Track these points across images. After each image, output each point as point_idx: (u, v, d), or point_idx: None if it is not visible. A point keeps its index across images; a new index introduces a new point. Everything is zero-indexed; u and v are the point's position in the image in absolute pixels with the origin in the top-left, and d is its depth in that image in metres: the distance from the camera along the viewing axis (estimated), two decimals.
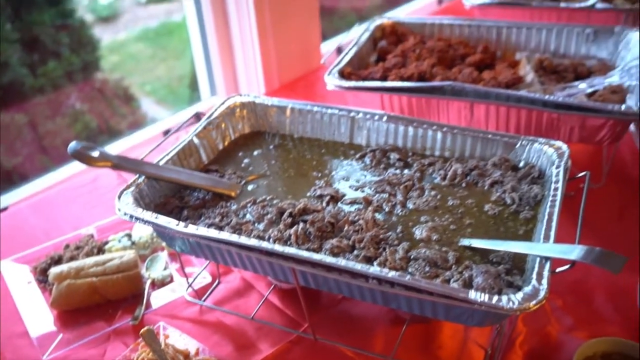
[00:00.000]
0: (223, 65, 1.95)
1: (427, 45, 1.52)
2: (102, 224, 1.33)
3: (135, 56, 3.79)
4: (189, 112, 1.93)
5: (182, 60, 3.66)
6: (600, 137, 1.24)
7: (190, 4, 1.88)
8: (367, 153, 1.19)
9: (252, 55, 1.89)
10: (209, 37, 1.90)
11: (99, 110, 3.20)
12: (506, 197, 1.05)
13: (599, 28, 1.48)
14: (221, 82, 1.97)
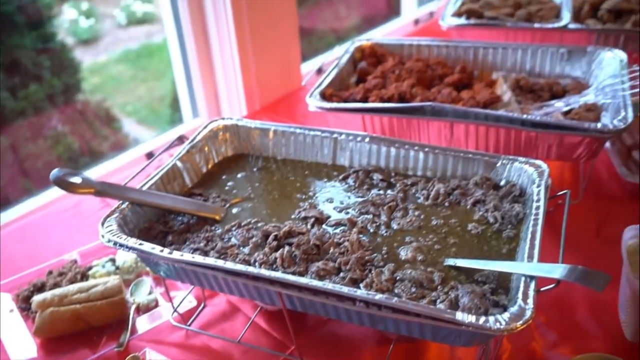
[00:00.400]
0: (204, 87, 1.93)
1: (406, 66, 1.52)
2: (86, 249, 1.30)
3: (117, 77, 3.77)
4: (172, 134, 1.91)
5: (162, 80, 3.64)
6: (577, 154, 1.25)
7: (170, 27, 1.87)
8: (350, 174, 1.18)
9: (234, 77, 1.88)
10: (190, 59, 1.89)
11: (80, 131, 3.17)
12: (489, 216, 1.04)
13: (573, 48, 1.49)
14: (203, 104, 1.95)
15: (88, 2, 3.78)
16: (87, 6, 3.78)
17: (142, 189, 1.07)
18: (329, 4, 3.59)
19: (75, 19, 3.68)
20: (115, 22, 3.97)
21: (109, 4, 4.02)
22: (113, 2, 3.98)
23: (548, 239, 0.98)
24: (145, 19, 3.98)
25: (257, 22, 1.81)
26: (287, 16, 1.91)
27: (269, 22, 1.86)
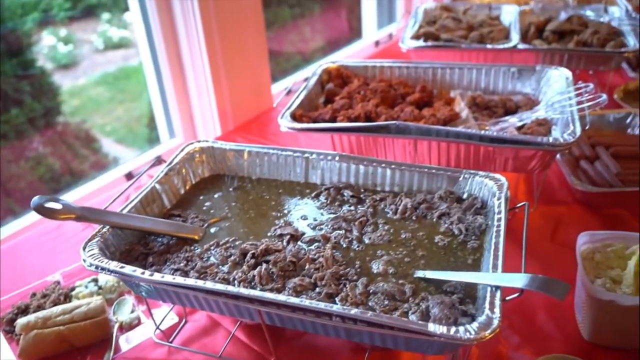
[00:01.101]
0: (180, 109, 1.89)
1: (371, 87, 1.51)
2: (69, 270, 1.25)
3: (95, 99, 3.69)
4: (149, 154, 1.86)
5: (140, 101, 3.57)
6: (532, 166, 1.24)
7: (145, 52, 1.82)
8: (322, 191, 1.15)
9: (207, 99, 1.84)
10: (165, 83, 1.84)
11: (61, 152, 3.09)
12: (454, 228, 1.03)
13: (522, 67, 1.50)
14: (179, 125, 1.91)
15: (66, 28, 3.70)
16: (65, 32, 3.70)
17: (122, 212, 1.03)
18: (295, 27, 3.57)
19: (54, 45, 3.60)
20: (93, 47, 3.89)
21: (87, 30, 3.94)
22: (90, 28, 3.90)
23: (509, 247, 0.97)
24: (121, 44, 3.92)
25: (229, 46, 1.78)
26: (257, 41, 1.89)
27: (240, 46, 1.83)
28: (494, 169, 1.28)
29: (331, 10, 3.55)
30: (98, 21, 3.75)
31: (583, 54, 1.61)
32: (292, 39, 3.65)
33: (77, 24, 3.76)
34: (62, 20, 3.52)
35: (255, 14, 1.84)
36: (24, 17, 3.09)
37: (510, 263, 0.90)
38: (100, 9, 3.60)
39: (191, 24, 1.71)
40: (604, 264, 1.10)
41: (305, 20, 3.59)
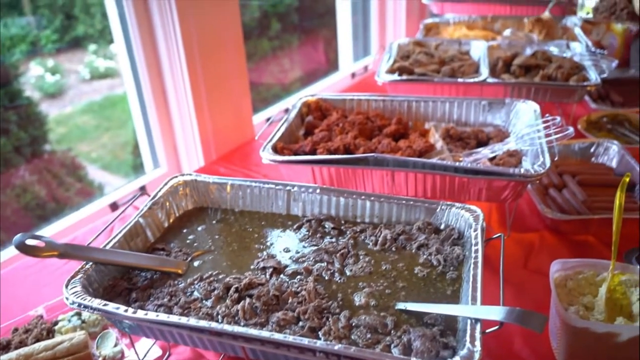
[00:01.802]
0: (164, 139, 1.85)
1: (349, 119, 1.49)
2: (52, 304, 1.19)
3: (81, 127, 3.63)
4: (134, 185, 1.81)
5: (125, 129, 3.52)
6: (504, 196, 1.23)
7: (130, 84, 1.79)
8: (303, 223, 1.12)
9: (190, 130, 1.81)
10: (149, 114, 1.81)
11: (47, 180, 3.01)
12: (432, 259, 1.00)
13: (493, 100, 1.49)
14: (163, 156, 1.87)
15: (54, 59, 3.65)
16: (52, 63, 3.64)
17: (105, 248, 0.98)
18: (274, 59, 3.57)
19: (41, 75, 3.54)
20: (79, 77, 3.84)
21: (74, 60, 3.89)
22: (77, 59, 3.86)
23: (486, 275, 0.94)
24: (107, 74, 3.87)
25: (211, 78, 1.75)
26: (238, 73, 1.86)
27: (222, 78, 1.80)
28: (468, 199, 1.27)
29: (309, 43, 3.56)
30: (85, 52, 3.71)
31: (549, 87, 1.62)
32: (272, 70, 3.64)
33: (64, 54, 3.71)
34: (49, 52, 3.47)
35: (236, 47, 1.83)
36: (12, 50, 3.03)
37: (487, 291, 0.88)
38: (87, 40, 3.56)
39: (174, 55, 1.69)
40: (576, 290, 1.08)
41: (285, 52, 3.59)
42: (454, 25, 2.30)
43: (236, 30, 1.82)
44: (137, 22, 1.64)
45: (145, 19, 1.65)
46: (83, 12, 3.40)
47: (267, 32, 3.49)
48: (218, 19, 1.73)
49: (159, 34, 1.66)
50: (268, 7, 3.45)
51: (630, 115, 1.78)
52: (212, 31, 1.72)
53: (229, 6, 1.76)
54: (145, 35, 1.67)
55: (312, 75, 3.33)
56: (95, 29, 3.49)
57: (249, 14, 3.23)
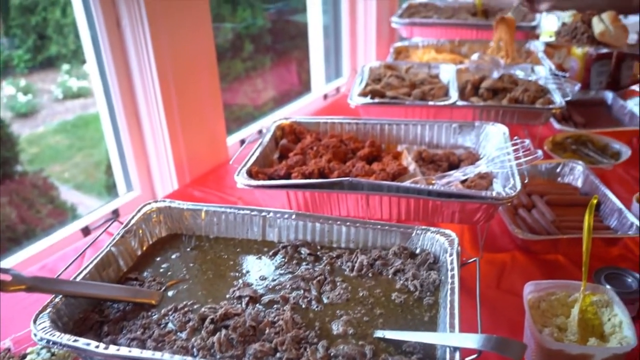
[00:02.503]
0: (137, 162, 1.79)
1: (323, 142, 1.47)
2: (20, 336, 1.12)
3: (54, 147, 3.53)
4: (107, 208, 1.75)
5: (98, 148, 3.43)
6: (476, 218, 1.22)
7: (103, 106, 1.73)
8: (279, 249, 1.09)
9: (164, 153, 1.76)
10: (123, 137, 1.75)
11: (18, 201, 2.91)
12: (409, 284, 0.98)
13: (463, 123, 1.49)
14: (136, 179, 1.81)
15: (26, 79, 3.56)
16: (25, 83, 3.55)
17: (75, 280, 0.93)
18: (247, 79, 3.54)
19: (13, 95, 3.44)
20: (52, 96, 3.75)
21: (46, 80, 3.80)
22: (50, 78, 3.77)
23: (462, 298, 0.93)
24: (80, 94, 3.79)
25: (185, 101, 1.72)
26: (212, 95, 1.83)
27: (195, 101, 1.77)
28: (442, 221, 1.26)
29: (281, 64, 3.55)
30: (58, 72, 3.62)
31: (516, 110, 1.63)
32: (245, 90, 3.62)
33: (37, 74, 3.62)
34: (22, 72, 3.38)
35: (210, 69, 1.79)
36: None
37: (464, 314, 0.87)
38: (60, 60, 3.48)
39: (147, 78, 1.64)
40: (549, 312, 1.07)
41: (257, 73, 3.57)
42: (423, 49, 2.32)
43: (210, 52, 1.79)
44: (109, 44, 1.60)
45: (117, 40, 1.61)
46: (56, 33, 3.32)
47: (240, 53, 3.46)
48: (192, 41, 1.70)
49: (132, 56, 1.62)
50: (241, 29, 3.44)
51: (592, 136, 1.81)
52: (186, 54, 1.69)
53: (202, 29, 1.73)
54: (118, 57, 1.63)
55: (285, 95, 3.31)
56: (68, 48, 3.42)
57: (222, 35, 3.20)
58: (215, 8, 1.81)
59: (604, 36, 1.74)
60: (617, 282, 1.19)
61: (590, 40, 1.79)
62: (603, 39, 1.75)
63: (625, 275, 1.20)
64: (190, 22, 1.67)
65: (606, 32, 1.73)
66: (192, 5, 1.67)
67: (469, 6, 2.71)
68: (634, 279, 1.19)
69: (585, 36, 1.80)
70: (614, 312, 1.03)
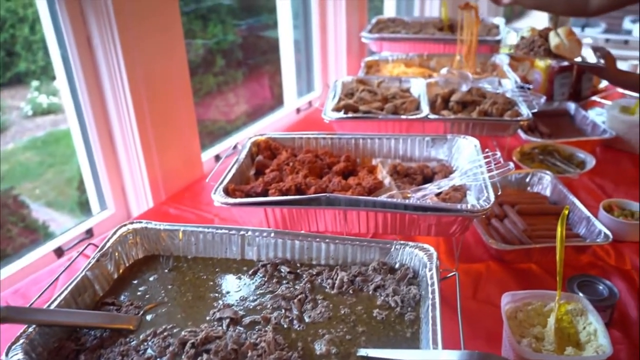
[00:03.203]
0: (110, 180, 1.74)
1: (299, 158, 1.45)
2: None
3: (24, 164, 3.41)
4: (80, 228, 1.69)
5: (70, 164, 3.34)
6: (452, 230, 1.22)
7: (74, 125, 1.67)
8: (259, 268, 1.06)
9: (138, 170, 1.71)
10: (95, 154, 1.70)
11: None
12: (390, 300, 0.97)
13: (435, 136, 1.49)
14: (110, 197, 1.76)
15: None
16: None
17: (50, 307, 0.89)
18: (220, 94, 3.50)
19: None
20: (21, 113, 3.63)
21: (16, 97, 3.68)
22: (19, 95, 3.66)
23: (442, 311, 0.92)
24: (50, 110, 3.68)
25: (158, 117, 1.68)
26: (185, 111, 1.79)
27: (169, 117, 1.73)
28: (418, 234, 1.25)
29: (253, 79, 3.52)
30: (27, 88, 3.52)
31: (486, 122, 1.64)
32: (217, 104, 3.58)
33: (6, 91, 3.50)
34: None
35: (183, 84, 1.76)
36: None
37: (445, 328, 0.85)
38: (29, 76, 3.38)
39: (120, 95, 1.60)
40: (526, 322, 1.07)
41: (230, 87, 3.54)
42: (393, 63, 2.32)
43: (183, 68, 1.75)
44: (80, 62, 1.55)
45: (88, 58, 1.56)
46: (25, 49, 3.23)
47: (212, 68, 3.43)
48: (164, 58, 1.66)
49: (104, 73, 1.57)
50: (212, 44, 3.40)
51: (558, 146, 1.84)
52: (159, 70, 1.65)
53: (175, 45, 1.70)
54: (89, 74, 1.58)
55: (258, 109, 3.28)
56: (37, 65, 3.32)
57: (193, 51, 3.16)
58: (186, 24, 1.78)
59: (559, 49, 1.80)
60: (589, 289, 1.20)
61: (546, 53, 1.84)
62: (558, 52, 1.81)
63: (596, 283, 1.21)
64: (163, 38, 1.64)
65: (561, 45, 1.79)
66: (165, 22, 1.64)
67: (436, 21, 2.74)
68: (605, 287, 1.20)
69: (542, 49, 1.85)
70: (589, 320, 1.04)
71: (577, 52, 1.81)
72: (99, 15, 1.49)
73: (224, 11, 3.43)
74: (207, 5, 3.27)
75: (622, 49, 4.14)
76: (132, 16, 1.52)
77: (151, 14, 1.58)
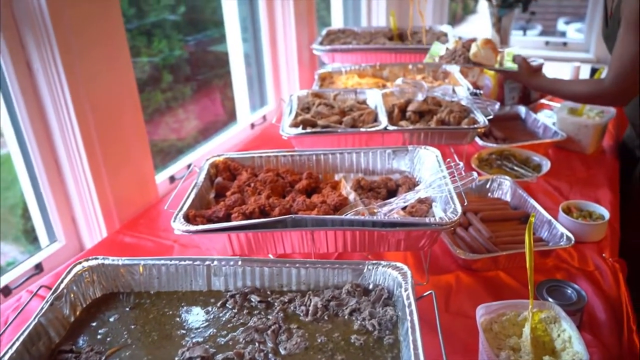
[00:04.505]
0: (59, 210, 1.64)
1: (260, 178, 1.40)
2: None
3: None
4: (29, 263, 1.58)
5: (12, 190, 3.15)
6: (422, 244, 1.20)
7: (17, 156, 1.57)
8: (227, 299, 1.01)
9: (89, 198, 1.62)
10: (41, 184, 1.59)
11: None
12: (367, 324, 0.94)
13: (396, 148, 1.48)
14: (59, 228, 1.65)
15: None
16: None
17: None
18: (169, 111, 3.40)
19: None
20: None
21: None
22: None
23: None
24: None
25: (108, 141, 1.59)
26: (136, 133, 1.72)
27: (119, 141, 1.64)
28: (387, 249, 1.23)
29: (204, 94, 3.44)
30: None
31: (444, 131, 1.64)
32: (167, 121, 3.48)
33: None
34: None
35: (132, 104, 1.67)
36: None
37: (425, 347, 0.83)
38: None
39: (65, 118, 1.50)
40: (502, 333, 1.06)
41: (179, 104, 3.45)
42: (346, 74, 2.31)
43: (130, 87, 1.68)
44: (19, 87, 1.44)
45: (29, 83, 1.46)
46: None
47: (159, 85, 3.33)
48: (110, 77, 1.58)
49: (46, 97, 1.48)
50: (158, 60, 3.31)
51: (514, 150, 1.87)
52: (105, 90, 1.57)
53: (121, 63, 1.62)
54: (30, 100, 1.47)
55: (210, 125, 3.21)
56: None
57: (138, 67, 3.07)
58: (130, 40, 1.71)
59: (476, 57, 1.92)
60: (558, 294, 1.21)
61: (465, 61, 1.94)
62: (476, 59, 1.92)
63: (564, 287, 1.22)
64: (108, 56, 1.56)
65: (478, 53, 1.90)
66: (109, 40, 1.56)
67: (385, 31, 2.75)
68: (573, 290, 1.21)
69: (462, 57, 1.94)
70: (562, 327, 1.04)
71: (492, 60, 1.90)
72: (38, 37, 1.40)
73: (168, 26, 3.33)
74: (151, 21, 3.17)
75: (561, 51, 4.31)
76: (73, 36, 1.44)
77: (94, 32, 1.50)
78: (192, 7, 2.82)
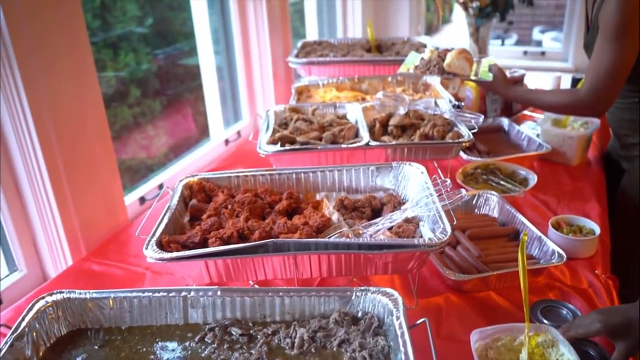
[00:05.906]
0: (19, 237, 1.56)
1: (237, 199, 1.37)
2: None
3: None
4: None
5: None
6: (410, 266, 1.18)
7: None
8: (206, 333, 0.97)
9: (52, 222, 1.55)
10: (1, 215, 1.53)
11: None
12: (357, 356, 0.90)
13: (380, 165, 1.46)
14: (20, 256, 1.58)
15: None
16: None
17: None
18: (137, 127, 3.34)
19: None
20: None
21: None
22: None
23: None
24: None
25: (73, 163, 1.54)
26: (103, 151, 1.66)
27: (85, 162, 1.59)
28: (374, 273, 1.20)
29: (175, 109, 3.39)
30: None
31: (428, 146, 1.63)
32: (135, 138, 3.41)
33: None
34: None
35: (98, 121, 1.62)
36: None
37: None
38: None
39: (25, 139, 1.45)
40: (498, 359, 1.04)
41: (148, 119, 3.38)
42: (324, 88, 2.29)
43: (96, 102, 1.62)
44: None
45: None
46: None
47: (127, 100, 3.26)
48: (74, 94, 1.53)
49: (5, 117, 1.42)
50: (125, 74, 3.25)
51: (499, 164, 1.87)
52: (69, 108, 1.52)
53: (86, 78, 1.57)
54: None
55: (182, 142, 3.15)
56: None
57: (104, 82, 3.00)
58: (94, 53, 1.67)
59: (450, 67, 1.93)
60: (553, 315, 1.20)
61: (440, 71, 1.95)
62: (450, 69, 1.93)
63: (559, 307, 1.21)
64: (71, 71, 1.51)
65: (452, 63, 1.92)
66: (73, 53, 1.51)
67: (363, 42, 2.75)
68: (568, 311, 1.20)
69: (437, 67, 1.95)
70: (560, 351, 1.03)
71: (467, 69, 1.92)
72: None
73: (135, 39, 3.28)
74: (117, 34, 3.11)
75: (540, 60, 4.39)
76: (34, 49, 1.39)
77: (56, 45, 1.45)
78: (161, 18, 2.77)
